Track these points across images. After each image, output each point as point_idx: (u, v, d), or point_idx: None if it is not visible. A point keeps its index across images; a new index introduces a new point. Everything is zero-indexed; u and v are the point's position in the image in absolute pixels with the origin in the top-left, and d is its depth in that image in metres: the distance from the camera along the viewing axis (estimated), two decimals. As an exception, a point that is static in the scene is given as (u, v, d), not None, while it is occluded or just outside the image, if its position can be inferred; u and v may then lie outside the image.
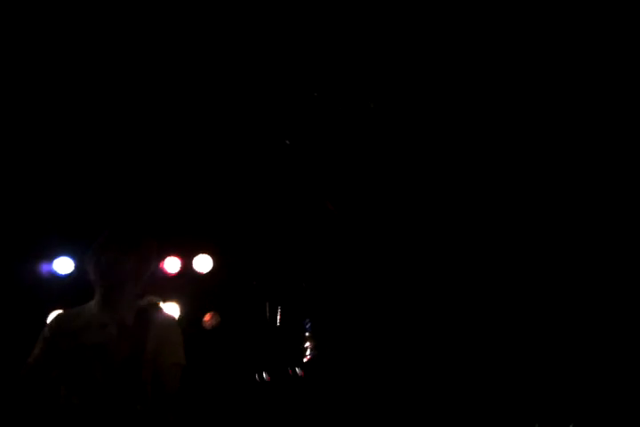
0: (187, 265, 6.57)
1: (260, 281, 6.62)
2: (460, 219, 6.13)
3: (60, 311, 3.45)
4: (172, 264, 6.52)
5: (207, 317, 6.61)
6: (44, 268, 6.21)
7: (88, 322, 3.19)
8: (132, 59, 5.00)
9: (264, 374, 6.39)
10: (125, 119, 5.46)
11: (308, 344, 6.52)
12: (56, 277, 6.13)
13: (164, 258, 6.48)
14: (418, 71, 5.02)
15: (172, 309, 6.17)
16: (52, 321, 3.31)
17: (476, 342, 6.39)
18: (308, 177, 5.91)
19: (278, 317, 6.40)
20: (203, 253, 6.61)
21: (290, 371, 6.39)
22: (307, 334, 6.50)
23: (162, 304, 4.15)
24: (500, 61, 5.02)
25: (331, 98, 5.06)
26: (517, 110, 5.42)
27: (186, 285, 6.46)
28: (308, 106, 5.11)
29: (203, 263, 6.61)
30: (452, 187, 5.91)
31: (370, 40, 4.78)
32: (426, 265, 6.35)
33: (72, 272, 6.11)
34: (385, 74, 5.04)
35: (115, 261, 3.15)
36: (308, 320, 6.37)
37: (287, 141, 5.21)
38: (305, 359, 6.47)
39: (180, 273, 6.53)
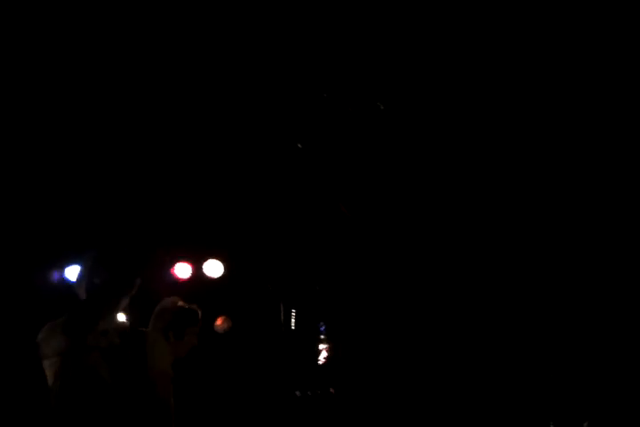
0: (197, 270, 6.59)
1: (273, 285, 6.63)
2: (471, 219, 6.14)
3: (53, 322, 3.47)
4: (182, 270, 6.54)
5: (219, 321, 6.63)
6: (55, 275, 6.23)
7: (88, 328, 3.26)
8: (142, 64, 5.00)
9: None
10: (138, 128, 5.47)
11: (322, 347, 6.52)
12: (68, 285, 6.15)
13: (174, 264, 6.51)
14: (427, 72, 5.03)
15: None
16: (45, 330, 3.35)
17: (491, 342, 6.40)
18: (320, 180, 5.90)
19: (292, 320, 6.40)
20: (213, 258, 6.63)
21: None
22: (321, 336, 6.50)
23: (180, 303, 4.30)
24: (507, 61, 5.02)
25: (340, 99, 5.06)
26: (524, 112, 5.43)
27: (197, 290, 6.47)
28: (318, 107, 5.11)
29: (213, 268, 6.63)
30: (461, 187, 5.91)
31: (379, 41, 4.78)
32: (438, 267, 6.35)
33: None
34: (394, 75, 5.04)
35: (107, 283, 3.28)
36: (322, 324, 6.36)
37: (299, 145, 5.21)
38: (320, 362, 6.47)
39: (190, 278, 6.55)
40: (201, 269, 6.59)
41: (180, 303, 4.34)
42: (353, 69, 4.97)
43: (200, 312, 4.34)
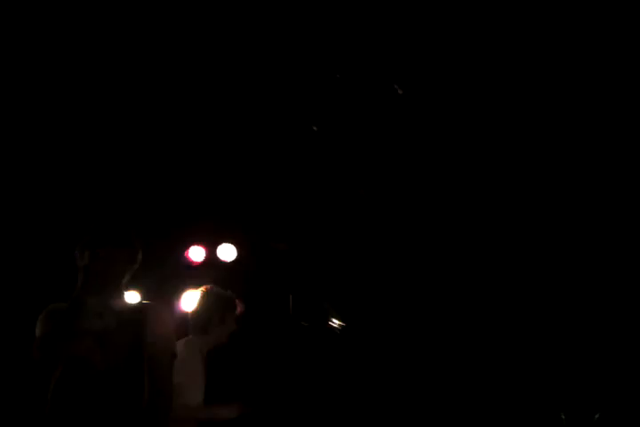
0: (211, 254, 6.60)
1: (286, 269, 6.63)
2: (481, 207, 6.09)
3: (50, 306, 3.40)
4: (196, 253, 6.56)
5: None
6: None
7: (80, 312, 3.19)
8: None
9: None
10: (150, 108, 5.46)
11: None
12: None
13: (188, 247, 6.54)
14: (445, 55, 4.96)
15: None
16: (42, 316, 3.29)
17: (502, 331, 6.37)
18: (336, 164, 5.86)
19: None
20: (227, 242, 6.64)
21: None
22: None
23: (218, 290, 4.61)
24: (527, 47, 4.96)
25: (355, 80, 4.99)
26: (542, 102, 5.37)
27: (210, 273, 6.49)
28: (332, 88, 5.04)
29: (227, 252, 6.64)
30: (476, 173, 5.86)
31: (397, 21, 4.71)
32: (454, 258, 6.31)
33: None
34: (411, 56, 4.97)
35: (111, 255, 3.20)
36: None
37: (314, 127, 5.16)
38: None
39: (204, 262, 6.57)
40: (215, 252, 6.61)
41: (218, 290, 4.67)
42: (368, 49, 4.90)
43: (237, 299, 4.56)
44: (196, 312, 4.56)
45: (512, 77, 5.12)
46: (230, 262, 6.62)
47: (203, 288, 4.68)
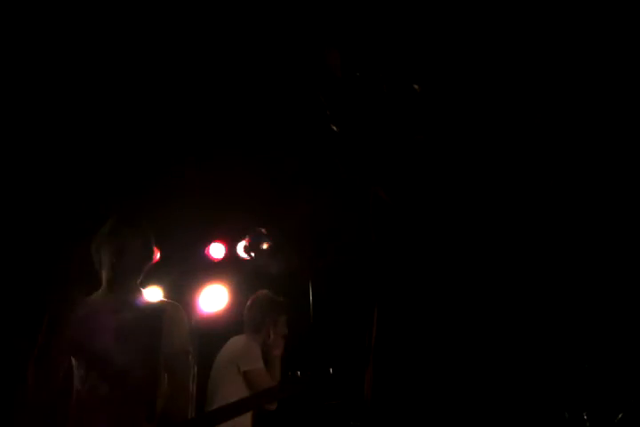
0: (231, 250, 6.63)
1: (307, 267, 6.63)
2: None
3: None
4: (216, 250, 6.60)
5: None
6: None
7: (97, 308, 3.21)
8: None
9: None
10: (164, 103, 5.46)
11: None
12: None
13: (209, 244, 6.57)
14: (466, 53, 4.93)
15: (221, 292, 6.23)
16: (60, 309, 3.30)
17: (524, 328, 6.33)
18: (357, 163, 5.84)
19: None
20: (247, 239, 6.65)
21: None
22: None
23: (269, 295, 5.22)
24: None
25: (374, 79, 4.96)
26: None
27: (231, 269, 6.51)
28: (351, 88, 5.01)
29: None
30: (496, 173, 5.81)
31: (417, 17, 4.68)
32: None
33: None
34: (431, 54, 4.94)
35: (127, 248, 3.22)
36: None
37: (334, 128, 5.14)
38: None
39: (224, 259, 6.60)
40: (234, 249, 6.63)
41: (269, 295, 5.22)
42: (387, 47, 4.87)
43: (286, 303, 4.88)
44: (249, 314, 5.12)
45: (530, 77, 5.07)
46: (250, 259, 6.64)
47: (257, 293, 5.27)
